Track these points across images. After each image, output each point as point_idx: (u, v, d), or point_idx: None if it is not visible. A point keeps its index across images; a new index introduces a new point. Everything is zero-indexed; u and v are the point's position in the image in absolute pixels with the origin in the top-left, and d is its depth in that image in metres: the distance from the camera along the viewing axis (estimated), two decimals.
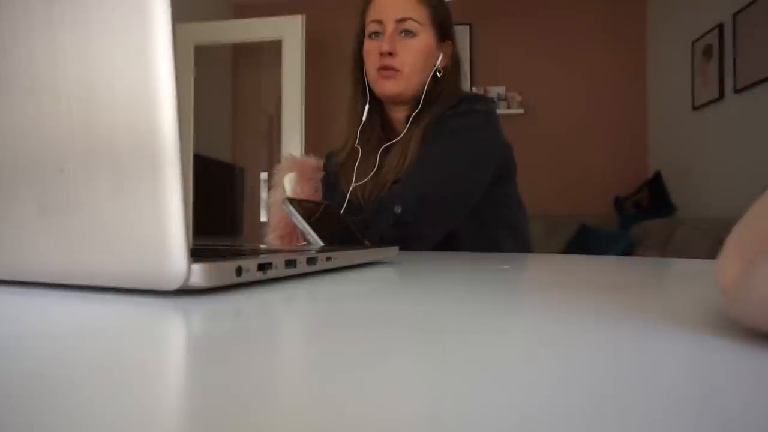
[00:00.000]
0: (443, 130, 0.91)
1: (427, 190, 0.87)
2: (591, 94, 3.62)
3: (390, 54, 0.96)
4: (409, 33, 0.97)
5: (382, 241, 0.79)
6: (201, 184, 3.29)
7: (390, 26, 0.97)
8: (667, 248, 2.54)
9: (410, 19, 0.96)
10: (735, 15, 2.65)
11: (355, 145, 1.02)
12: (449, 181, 0.89)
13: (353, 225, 0.85)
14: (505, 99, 3.64)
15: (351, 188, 0.99)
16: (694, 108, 3.04)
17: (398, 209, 0.84)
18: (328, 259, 0.41)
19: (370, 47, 0.99)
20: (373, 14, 0.99)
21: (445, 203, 0.89)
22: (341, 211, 0.95)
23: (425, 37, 0.98)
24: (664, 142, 3.43)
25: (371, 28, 0.99)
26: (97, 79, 0.26)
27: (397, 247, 0.57)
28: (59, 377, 0.13)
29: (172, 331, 0.21)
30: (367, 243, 0.67)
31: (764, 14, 2.44)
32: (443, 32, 1.01)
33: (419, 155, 0.91)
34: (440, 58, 1.00)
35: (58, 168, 0.27)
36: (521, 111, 3.64)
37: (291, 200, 0.58)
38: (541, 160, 3.53)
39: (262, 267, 0.31)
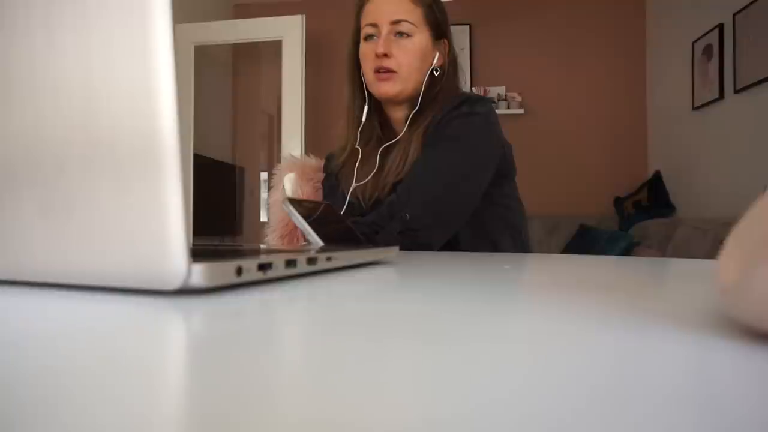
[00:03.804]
0: (445, 134, 0.91)
1: (434, 197, 0.87)
2: (591, 94, 3.62)
3: (385, 55, 0.96)
4: (403, 34, 0.97)
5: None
6: (201, 184, 3.28)
7: (385, 29, 0.97)
8: (667, 248, 2.54)
9: (404, 20, 0.97)
10: (735, 15, 2.65)
11: (356, 146, 1.02)
12: (454, 187, 0.89)
13: (362, 227, 0.85)
14: (505, 99, 3.64)
15: (351, 189, 0.99)
16: (694, 108, 3.04)
17: (407, 216, 0.85)
18: (328, 259, 0.41)
19: (365, 50, 1.00)
20: (367, 17, 1.00)
21: (451, 209, 0.90)
22: (341, 213, 0.96)
23: (420, 38, 0.98)
24: (664, 142, 3.43)
25: (366, 31, 1.00)
26: (97, 79, 0.26)
27: (397, 247, 0.57)
28: (59, 377, 0.13)
29: (172, 331, 0.21)
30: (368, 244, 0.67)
31: (764, 14, 2.44)
32: (439, 31, 1.01)
33: (422, 159, 0.92)
34: (437, 57, 1.00)
35: (58, 168, 0.27)
36: (521, 111, 3.63)
37: (291, 200, 0.58)
38: (541, 160, 3.53)
39: (262, 267, 0.31)
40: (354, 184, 0.99)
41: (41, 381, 0.13)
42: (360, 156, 1.02)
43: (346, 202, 0.99)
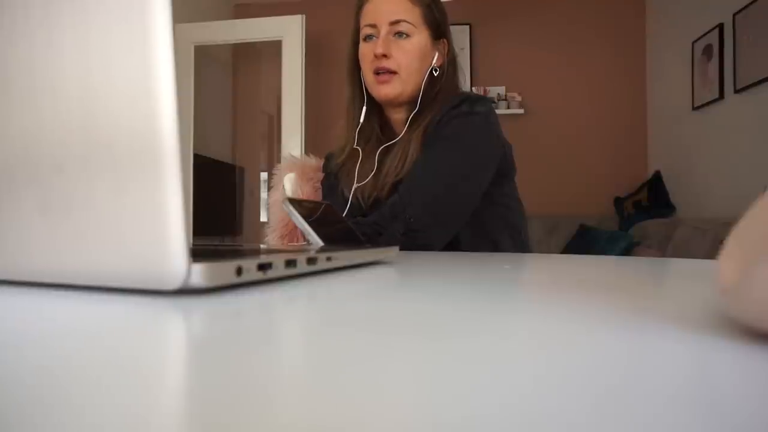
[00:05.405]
0: (445, 133, 0.91)
1: (434, 197, 0.87)
2: (591, 94, 3.62)
3: (384, 56, 0.96)
4: (402, 34, 0.97)
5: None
6: (201, 184, 3.28)
7: (384, 29, 0.97)
8: (667, 248, 2.54)
9: (403, 21, 0.97)
10: (735, 15, 2.65)
11: (355, 147, 1.02)
12: (455, 188, 0.89)
13: (363, 227, 0.85)
14: (505, 99, 3.64)
15: (353, 189, 0.99)
16: (694, 108, 3.04)
17: (410, 218, 0.85)
18: (328, 259, 0.41)
19: (365, 50, 1.00)
20: (366, 18, 1.00)
21: (451, 209, 0.90)
22: (343, 214, 0.96)
23: (419, 38, 0.98)
24: (664, 142, 3.43)
25: (365, 31, 1.00)
26: (96, 79, 0.26)
27: (397, 247, 0.57)
28: (59, 377, 0.13)
29: (172, 331, 0.21)
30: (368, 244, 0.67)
31: (764, 14, 2.44)
32: (438, 31, 1.01)
33: (422, 160, 0.91)
34: (436, 57, 1.00)
35: (58, 168, 0.27)
36: (521, 111, 3.63)
37: (291, 200, 0.58)
38: (541, 160, 3.53)
39: (262, 267, 0.31)
40: (355, 185, 0.99)
41: (40, 381, 0.13)
42: (358, 156, 1.02)
43: (349, 202, 0.99)
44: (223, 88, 3.96)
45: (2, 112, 0.28)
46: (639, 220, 3.03)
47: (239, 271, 0.29)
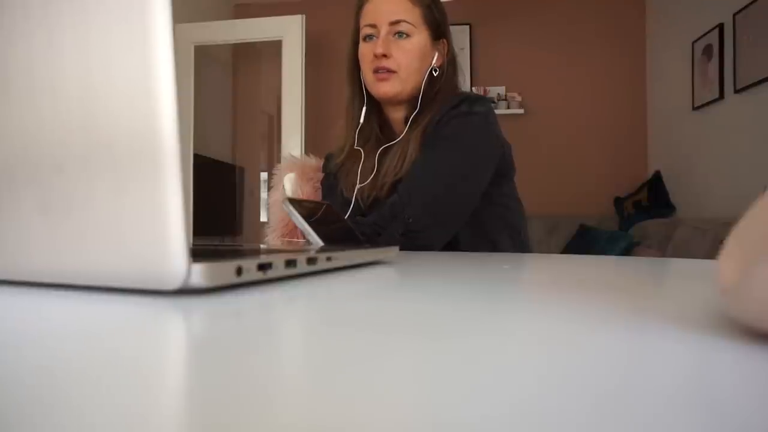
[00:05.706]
0: (444, 133, 0.91)
1: (434, 198, 0.87)
2: (591, 94, 3.62)
3: (384, 56, 0.96)
4: (402, 34, 0.97)
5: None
6: (201, 184, 3.28)
7: (384, 29, 0.97)
8: (667, 248, 2.54)
9: (403, 20, 0.97)
10: (735, 15, 2.65)
11: (355, 147, 1.02)
12: (454, 188, 0.89)
13: (363, 227, 0.86)
14: (505, 99, 3.64)
15: (356, 189, 0.99)
16: (694, 108, 3.04)
17: (410, 219, 0.85)
18: (328, 259, 0.41)
19: (364, 50, 1.00)
20: (366, 18, 1.00)
21: (450, 210, 0.90)
22: (345, 215, 0.96)
23: (419, 38, 0.98)
24: (664, 142, 3.43)
25: (365, 31, 1.00)
26: (96, 79, 0.26)
27: (397, 247, 0.57)
28: (59, 377, 0.13)
29: (172, 331, 0.21)
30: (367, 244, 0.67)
31: (764, 14, 2.44)
32: (438, 31, 1.01)
33: (422, 160, 0.91)
34: (435, 57, 1.00)
35: (58, 168, 0.27)
36: (521, 111, 3.63)
37: (291, 200, 0.58)
38: (541, 160, 3.53)
39: (262, 267, 0.31)
40: (358, 185, 0.99)
41: (40, 381, 0.13)
42: (358, 156, 1.02)
43: (352, 203, 0.99)
44: (223, 88, 3.96)
45: (2, 112, 0.28)
46: (639, 220, 3.03)
47: (239, 271, 0.29)
